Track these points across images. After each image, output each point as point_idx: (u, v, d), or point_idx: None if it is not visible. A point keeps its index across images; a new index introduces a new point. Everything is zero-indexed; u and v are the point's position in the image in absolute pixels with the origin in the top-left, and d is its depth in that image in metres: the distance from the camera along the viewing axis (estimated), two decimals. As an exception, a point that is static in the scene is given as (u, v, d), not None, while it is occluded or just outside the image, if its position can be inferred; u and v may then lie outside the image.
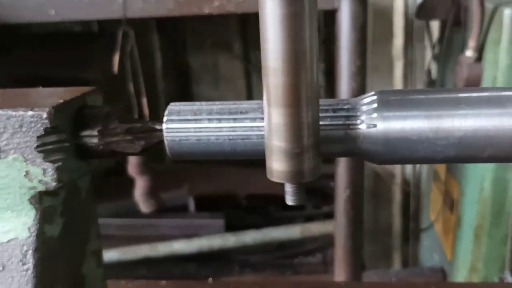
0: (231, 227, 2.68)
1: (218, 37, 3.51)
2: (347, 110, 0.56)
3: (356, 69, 1.70)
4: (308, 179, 0.55)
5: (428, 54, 2.78)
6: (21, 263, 0.57)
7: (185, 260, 2.60)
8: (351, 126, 0.55)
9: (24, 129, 0.55)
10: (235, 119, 0.57)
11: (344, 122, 0.56)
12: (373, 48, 3.15)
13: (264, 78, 0.53)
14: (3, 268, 0.57)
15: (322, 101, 0.57)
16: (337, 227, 1.85)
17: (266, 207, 2.91)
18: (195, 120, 0.57)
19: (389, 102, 0.55)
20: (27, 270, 0.57)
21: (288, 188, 0.58)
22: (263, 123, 0.57)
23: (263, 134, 0.57)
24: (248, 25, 3.49)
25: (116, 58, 1.90)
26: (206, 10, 1.75)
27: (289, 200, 0.58)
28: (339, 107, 0.56)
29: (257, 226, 2.66)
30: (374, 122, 0.54)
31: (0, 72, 2.61)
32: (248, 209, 2.94)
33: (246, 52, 3.52)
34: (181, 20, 3.45)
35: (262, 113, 0.57)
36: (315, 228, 2.56)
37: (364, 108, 0.55)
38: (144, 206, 2.27)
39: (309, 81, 0.51)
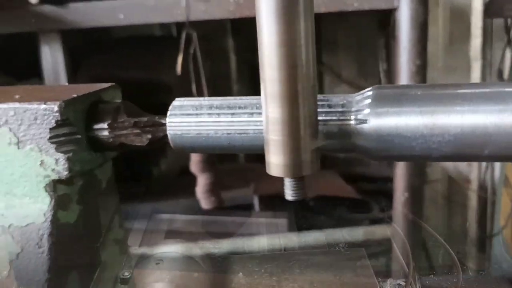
0: (295, 227, 2.67)
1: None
2: (343, 105, 0.56)
3: (416, 69, 1.66)
4: (306, 172, 0.55)
5: (509, 54, 2.65)
6: (37, 246, 0.62)
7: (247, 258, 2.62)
8: (344, 122, 0.55)
9: (38, 121, 0.59)
10: (233, 114, 0.58)
11: (338, 118, 0.55)
12: (450, 48, 3.03)
13: (261, 72, 0.53)
14: (22, 250, 0.62)
15: (320, 96, 0.57)
16: (394, 230, 1.81)
17: (332, 208, 2.88)
18: (196, 115, 0.59)
19: (384, 97, 0.54)
20: (42, 252, 0.62)
21: (287, 183, 0.58)
22: (260, 118, 0.57)
23: (260, 129, 0.58)
24: (320, 25, 3.47)
25: (180, 60, 1.97)
26: (267, 11, 1.77)
27: (289, 195, 0.59)
28: (334, 102, 0.56)
29: (322, 227, 2.64)
30: (366, 118, 0.53)
31: (82, 74, 2.77)
32: (314, 210, 2.93)
33: (319, 53, 3.49)
34: (255, 23, 3.48)
35: (260, 108, 0.58)
36: (379, 231, 2.50)
37: (358, 104, 0.55)
38: (204, 203, 2.32)
39: (304, 74, 0.51)
